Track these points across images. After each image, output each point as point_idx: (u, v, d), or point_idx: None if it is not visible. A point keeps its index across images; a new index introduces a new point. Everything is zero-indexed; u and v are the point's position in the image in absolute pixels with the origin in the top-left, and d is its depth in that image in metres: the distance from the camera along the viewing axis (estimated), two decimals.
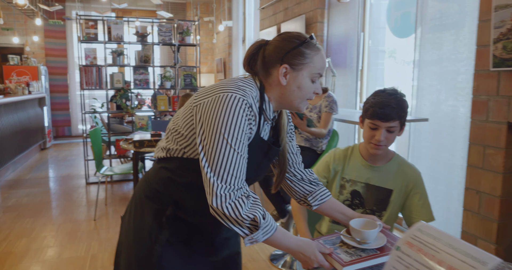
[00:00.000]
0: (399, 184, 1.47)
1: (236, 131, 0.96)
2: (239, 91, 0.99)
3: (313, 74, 1.07)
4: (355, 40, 3.58)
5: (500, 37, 2.00)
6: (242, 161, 0.98)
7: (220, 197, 0.95)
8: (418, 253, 0.81)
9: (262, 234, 0.98)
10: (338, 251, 1.11)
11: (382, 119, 1.35)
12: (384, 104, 1.33)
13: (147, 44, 4.75)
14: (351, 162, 1.52)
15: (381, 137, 1.36)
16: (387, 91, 1.39)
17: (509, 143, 2.09)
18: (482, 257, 0.73)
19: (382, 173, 1.48)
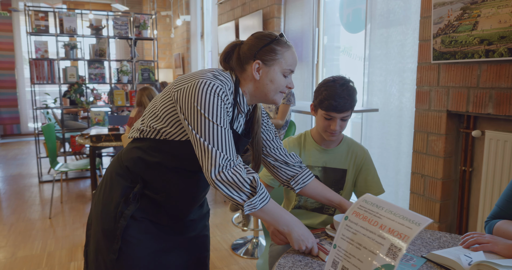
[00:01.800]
0: (352, 163, 1.57)
1: (215, 110, 1.04)
2: (216, 80, 1.07)
3: (284, 69, 1.15)
4: (310, 35, 3.71)
5: (439, 32, 2.18)
6: (229, 134, 1.06)
7: (222, 166, 1.02)
8: (364, 221, 0.91)
9: (260, 200, 1.07)
10: (323, 243, 1.20)
11: (338, 111, 1.41)
12: (338, 96, 1.40)
13: (102, 37, 4.63)
14: (306, 149, 1.58)
15: (336, 127, 1.44)
16: (337, 81, 1.44)
17: (448, 129, 2.29)
18: (416, 219, 0.83)
19: (336, 155, 1.57)
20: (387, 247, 0.83)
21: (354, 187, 1.61)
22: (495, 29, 1.89)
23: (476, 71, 2.06)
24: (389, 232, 0.84)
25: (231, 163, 1.05)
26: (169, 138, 1.11)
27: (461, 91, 2.15)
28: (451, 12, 2.09)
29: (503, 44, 1.87)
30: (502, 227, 1.19)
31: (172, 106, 1.09)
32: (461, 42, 2.06)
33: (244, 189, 1.05)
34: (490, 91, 2.00)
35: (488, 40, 1.93)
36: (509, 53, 1.85)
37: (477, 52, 1.99)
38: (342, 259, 0.91)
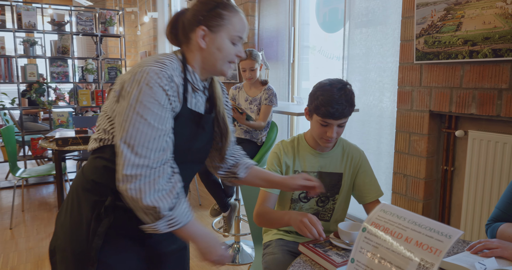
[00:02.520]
0: (348, 166, 1.51)
1: (151, 104, 0.93)
2: (156, 64, 0.97)
3: (232, 36, 1.06)
4: (286, 34, 3.66)
5: (422, 32, 2.18)
6: (160, 136, 0.95)
7: (130, 177, 0.92)
8: (386, 233, 0.85)
9: (167, 225, 0.97)
10: (329, 254, 1.13)
11: (335, 118, 1.34)
12: (336, 102, 1.31)
13: (65, 33, 4.35)
14: (301, 154, 1.50)
15: (333, 134, 1.37)
16: (334, 85, 1.35)
17: (431, 129, 2.30)
18: (446, 231, 0.78)
19: (331, 159, 1.50)
20: (416, 262, 0.76)
21: (352, 191, 1.55)
22: (479, 30, 1.90)
23: (459, 71, 2.07)
24: (417, 246, 0.78)
25: (146, 172, 0.94)
26: None
27: (444, 92, 2.16)
28: (435, 13, 2.09)
29: (487, 45, 1.88)
30: (507, 230, 1.18)
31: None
32: (444, 42, 2.07)
33: (148, 212, 0.96)
34: (473, 92, 2.02)
35: (472, 41, 1.94)
36: (493, 54, 1.86)
37: (461, 53, 2.00)
38: None
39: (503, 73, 1.88)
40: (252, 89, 2.55)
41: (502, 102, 1.90)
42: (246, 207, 1.74)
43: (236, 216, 2.61)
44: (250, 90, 2.56)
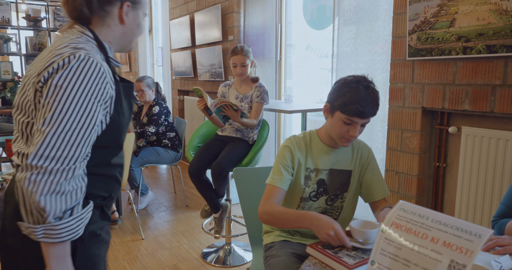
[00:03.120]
0: (357, 163, 1.46)
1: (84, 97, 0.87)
2: (80, 50, 0.89)
3: (144, 13, 1.08)
4: (273, 31, 3.61)
5: (415, 28, 2.17)
6: (86, 130, 0.87)
7: (35, 167, 0.81)
8: (409, 233, 0.80)
9: (42, 234, 0.84)
10: (340, 255, 1.08)
11: (362, 117, 1.28)
12: (366, 102, 1.26)
13: (41, 30, 4.16)
14: (313, 151, 1.42)
15: (356, 133, 1.31)
16: (360, 82, 1.29)
17: (423, 126, 2.29)
18: (475, 230, 0.74)
19: (342, 156, 1.45)
20: (446, 263, 0.73)
21: (360, 188, 1.51)
22: (473, 26, 1.90)
23: (452, 68, 2.07)
24: (445, 246, 0.74)
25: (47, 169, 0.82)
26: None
27: (437, 88, 2.16)
28: (428, 9, 2.08)
29: (481, 41, 1.88)
30: None
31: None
32: (438, 39, 2.06)
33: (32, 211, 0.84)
34: (466, 88, 2.02)
35: (466, 37, 1.94)
36: (487, 50, 1.87)
37: (455, 49, 2.00)
38: None
39: (497, 69, 1.89)
40: (243, 86, 2.49)
41: (495, 98, 1.91)
42: (243, 207, 1.67)
43: (227, 217, 2.54)
44: (240, 88, 2.50)
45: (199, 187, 2.35)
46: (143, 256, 2.61)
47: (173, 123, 3.51)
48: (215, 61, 4.22)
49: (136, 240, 2.85)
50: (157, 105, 3.38)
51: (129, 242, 2.82)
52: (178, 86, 5.35)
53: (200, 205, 3.54)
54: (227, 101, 2.18)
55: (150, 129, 3.28)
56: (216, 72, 4.24)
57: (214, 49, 4.20)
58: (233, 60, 2.39)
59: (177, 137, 3.53)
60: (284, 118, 3.74)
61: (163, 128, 3.40)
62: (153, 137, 3.40)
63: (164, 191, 4.06)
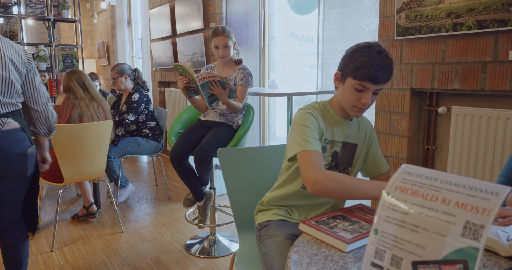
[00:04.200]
0: (362, 137, 1.41)
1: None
2: None
3: None
4: (256, 17, 3.51)
5: (403, 7, 2.11)
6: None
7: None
8: (416, 196, 0.72)
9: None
10: (336, 230, 1.00)
11: (374, 82, 1.20)
12: (378, 65, 1.19)
13: (12, 16, 3.95)
14: (328, 121, 1.34)
15: (368, 100, 1.23)
16: (373, 47, 1.22)
17: (412, 108, 2.24)
18: (490, 188, 0.66)
19: (353, 128, 1.38)
20: (461, 225, 0.65)
21: (364, 163, 1.44)
22: (463, 1, 1.85)
23: (441, 46, 2.02)
24: (458, 207, 0.66)
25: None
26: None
27: (426, 68, 2.10)
28: None
29: (472, 16, 1.83)
30: None
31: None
32: (427, 16, 2.01)
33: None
34: (456, 66, 1.97)
35: (455, 13, 1.89)
36: (478, 25, 1.81)
37: (444, 26, 1.94)
38: (391, 247, 0.72)
39: (487, 46, 1.84)
40: (226, 69, 2.38)
41: (486, 76, 1.86)
42: (228, 189, 1.57)
43: (211, 206, 2.44)
44: (223, 71, 2.39)
45: (181, 174, 2.24)
46: (123, 249, 2.48)
47: (153, 112, 3.37)
48: (197, 49, 4.10)
49: (116, 233, 2.71)
50: (136, 92, 3.24)
51: (108, 235, 2.68)
52: (159, 77, 5.20)
53: (183, 197, 3.42)
54: (216, 75, 2.04)
55: (130, 117, 3.14)
56: (198, 61, 4.12)
57: (196, 38, 4.08)
58: (214, 41, 2.28)
59: (158, 126, 3.39)
60: (268, 103, 3.65)
61: (143, 116, 3.26)
62: (133, 126, 3.26)
63: (145, 184, 3.92)
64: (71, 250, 2.45)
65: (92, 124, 2.47)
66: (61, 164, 2.42)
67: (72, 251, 2.44)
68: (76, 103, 2.56)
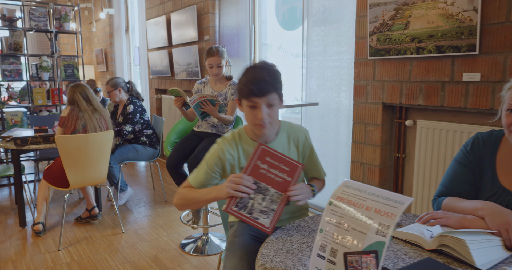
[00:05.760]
0: (295, 150, 1.44)
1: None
2: None
3: None
4: (247, 31, 3.76)
5: (375, 30, 2.36)
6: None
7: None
8: (349, 204, 0.97)
9: None
10: (255, 216, 1.18)
11: (259, 95, 1.26)
12: (258, 80, 1.25)
13: (17, 29, 4.18)
14: (244, 149, 1.40)
15: (263, 114, 1.28)
16: (257, 66, 1.31)
17: (384, 120, 2.49)
18: (399, 199, 0.91)
19: (277, 147, 1.39)
20: (376, 226, 0.89)
21: (306, 174, 1.53)
22: (424, 28, 2.10)
23: (408, 66, 2.27)
24: (375, 213, 0.91)
25: None
26: None
27: (395, 85, 2.36)
28: (385, 12, 2.27)
29: (432, 42, 2.09)
30: (450, 203, 1.35)
31: None
32: (394, 40, 2.26)
33: None
34: (420, 84, 2.23)
35: (418, 39, 2.14)
36: (437, 50, 2.07)
37: (409, 49, 2.20)
38: (330, 242, 0.96)
39: (445, 68, 2.10)
40: (218, 84, 2.63)
41: (445, 93, 2.12)
42: None
43: (204, 209, 2.68)
44: (215, 85, 2.64)
45: (176, 180, 2.48)
46: (124, 248, 2.71)
47: (149, 121, 3.61)
48: (192, 60, 4.33)
49: (117, 234, 2.95)
50: (131, 104, 3.47)
51: (110, 235, 2.92)
52: (156, 85, 5.43)
53: None
54: (206, 95, 2.30)
55: (127, 127, 3.37)
56: (193, 71, 4.36)
57: (191, 49, 4.31)
58: (209, 61, 2.53)
59: (155, 134, 3.63)
60: None
61: (139, 126, 3.50)
62: (131, 135, 3.50)
63: (143, 188, 4.15)
64: (76, 249, 2.68)
65: (95, 135, 2.70)
66: (67, 171, 2.65)
67: (77, 250, 2.68)
68: (80, 114, 2.80)
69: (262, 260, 1.08)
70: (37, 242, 2.80)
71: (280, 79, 1.33)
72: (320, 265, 0.97)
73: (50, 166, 2.87)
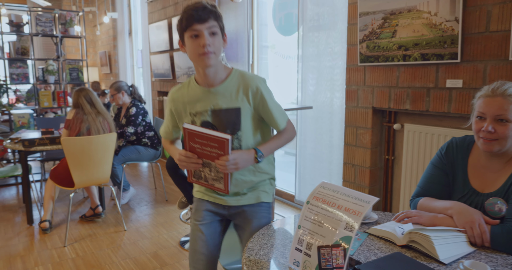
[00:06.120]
0: (245, 100, 1.38)
1: None
2: None
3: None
4: (245, 36, 3.88)
5: (364, 38, 2.47)
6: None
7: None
8: (324, 203, 1.09)
9: None
10: (211, 183, 1.42)
11: (200, 21, 1.26)
12: (195, 7, 1.27)
13: (24, 35, 4.32)
14: (190, 95, 1.42)
15: (206, 41, 1.26)
16: (194, 3, 1.30)
17: (374, 123, 2.60)
18: (366, 199, 1.03)
19: (224, 93, 1.37)
20: (345, 223, 1.01)
21: (263, 122, 1.47)
22: (410, 37, 2.22)
23: (395, 72, 2.39)
24: (345, 211, 1.03)
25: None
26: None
27: (384, 90, 2.47)
28: (374, 21, 2.39)
29: (417, 50, 2.20)
30: (424, 203, 1.46)
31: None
32: (383, 47, 2.37)
33: None
34: (407, 90, 2.34)
35: (405, 46, 2.26)
36: (422, 58, 2.18)
37: (396, 57, 2.31)
38: (306, 237, 1.08)
39: (430, 74, 2.21)
40: None
41: (430, 99, 2.23)
42: None
43: None
44: None
45: (176, 180, 2.60)
46: (126, 245, 2.84)
47: (151, 123, 3.74)
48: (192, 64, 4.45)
49: (119, 232, 3.08)
50: (133, 106, 3.61)
51: (112, 233, 3.05)
52: (158, 87, 5.56)
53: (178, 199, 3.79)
54: None
55: (129, 129, 3.51)
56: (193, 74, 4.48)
57: None
58: None
59: (156, 136, 3.76)
60: None
61: (141, 128, 3.63)
62: (133, 137, 3.63)
63: (145, 187, 4.29)
64: (81, 246, 2.82)
65: (98, 137, 2.84)
66: (72, 171, 2.79)
67: (81, 246, 2.81)
68: (84, 118, 2.93)
69: (248, 253, 1.20)
70: (44, 239, 2.94)
71: (220, 13, 1.33)
72: (297, 257, 1.09)
73: (56, 166, 3.01)
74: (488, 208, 1.32)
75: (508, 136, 1.31)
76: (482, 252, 1.20)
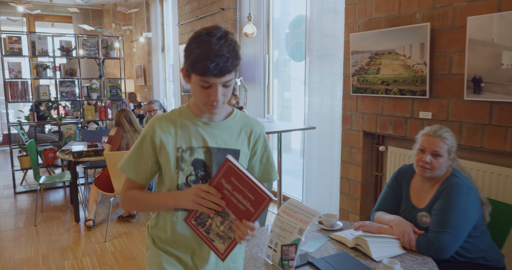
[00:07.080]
0: (246, 141, 1.26)
1: None
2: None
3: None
4: (262, 60, 4.37)
5: (355, 72, 2.91)
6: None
7: None
8: (288, 215, 1.56)
9: None
10: (211, 237, 1.13)
11: (217, 75, 1.06)
12: (216, 57, 1.04)
13: (72, 58, 5.03)
14: (183, 126, 1.20)
15: (218, 96, 1.10)
16: (212, 34, 1.06)
17: (364, 144, 3.02)
18: (314, 213, 1.49)
19: (223, 131, 1.23)
20: (298, 229, 1.48)
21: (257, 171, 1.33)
22: (391, 74, 2.63)
23: (381, 103, 2.80)
24: (299, 221, 1.50)
25: None
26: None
27: (372, 117, 2.89)
28: (363, 59, 2.82)
29: (396, 86, 2.61)
30: (378, 216, 1.90)
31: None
32: (370, 81, 2.80)
33: None
34: (390, 118, 2.75)
35: (386, 82, 2.68)
36: (400, 92, 2.59)
37: (380, 90, 2.73)
38: (275, 238, 1.56)
39: (407, 106, 2.62)
40: None
41: (407, 127, 2.63)
42: None
43: None
44: None
45: None
46: None
47: None
48: None
49: None
50: None
51: (145, 231, 3.62)
52: (186, 101, 6.17)
53: None
54: None
55: None
56: None
57: None
58: None
59: None
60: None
61: None
62: None
63: None
64: (118, 242, 3.40)
65: None
66: (112, 180, 3.37)
67: (119, 242, 3.39)
68: (124, 135, 3.52)
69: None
70: (88, 235, 3.54)
71: (239, 53, 1.12)
72: (269, 252, 1.57)
73: (100, 175, 3.62)
74: (418, 220, 1.76)
75: (438, 167, 1.74)
76: (409, 254, 1.63)
